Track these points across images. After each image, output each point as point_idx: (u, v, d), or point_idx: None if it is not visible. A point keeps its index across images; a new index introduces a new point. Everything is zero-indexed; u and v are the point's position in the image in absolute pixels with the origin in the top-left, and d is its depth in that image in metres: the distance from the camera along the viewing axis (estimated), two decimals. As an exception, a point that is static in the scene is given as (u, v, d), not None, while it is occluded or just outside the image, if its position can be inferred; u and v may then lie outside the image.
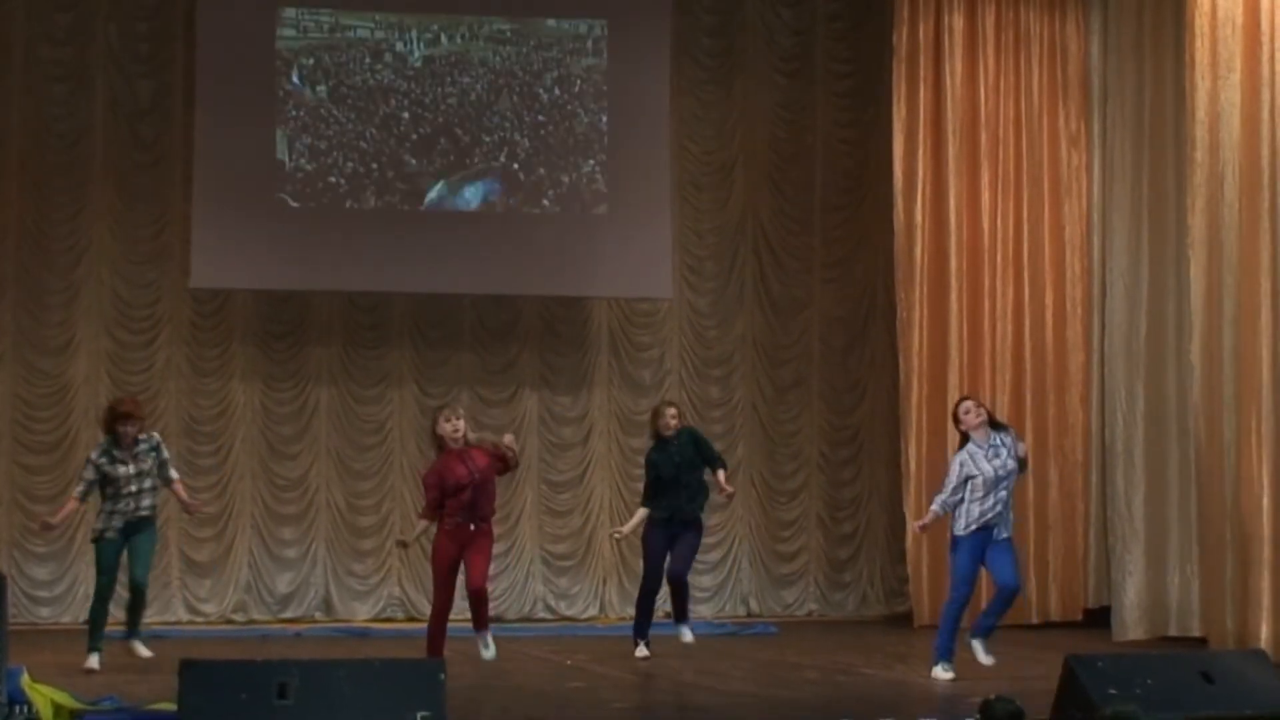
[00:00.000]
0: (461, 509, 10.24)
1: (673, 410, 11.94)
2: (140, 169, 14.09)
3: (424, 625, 13.74)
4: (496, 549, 14.15)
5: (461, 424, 10.37)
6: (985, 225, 14.17)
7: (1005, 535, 10.52)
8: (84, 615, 13.68)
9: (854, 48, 15.15)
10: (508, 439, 10.78)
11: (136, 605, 11.27)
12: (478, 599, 10.41)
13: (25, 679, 8.55)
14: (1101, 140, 14.11)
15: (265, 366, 14.24)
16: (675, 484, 11.70)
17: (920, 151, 14.21)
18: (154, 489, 11.10)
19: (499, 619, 13.99)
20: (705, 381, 14.97)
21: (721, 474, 11.81)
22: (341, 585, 14.24)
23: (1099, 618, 13.63)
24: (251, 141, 13.81)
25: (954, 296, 14.10)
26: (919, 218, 14.17)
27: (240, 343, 14.21)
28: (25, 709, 8.37)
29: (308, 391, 14.31)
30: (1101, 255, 14.03)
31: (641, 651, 11.66)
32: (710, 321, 15.02)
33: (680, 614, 11.94)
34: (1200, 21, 11.94)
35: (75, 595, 13.82)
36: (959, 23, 14.24)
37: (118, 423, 11.02)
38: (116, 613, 11.37)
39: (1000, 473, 10.46)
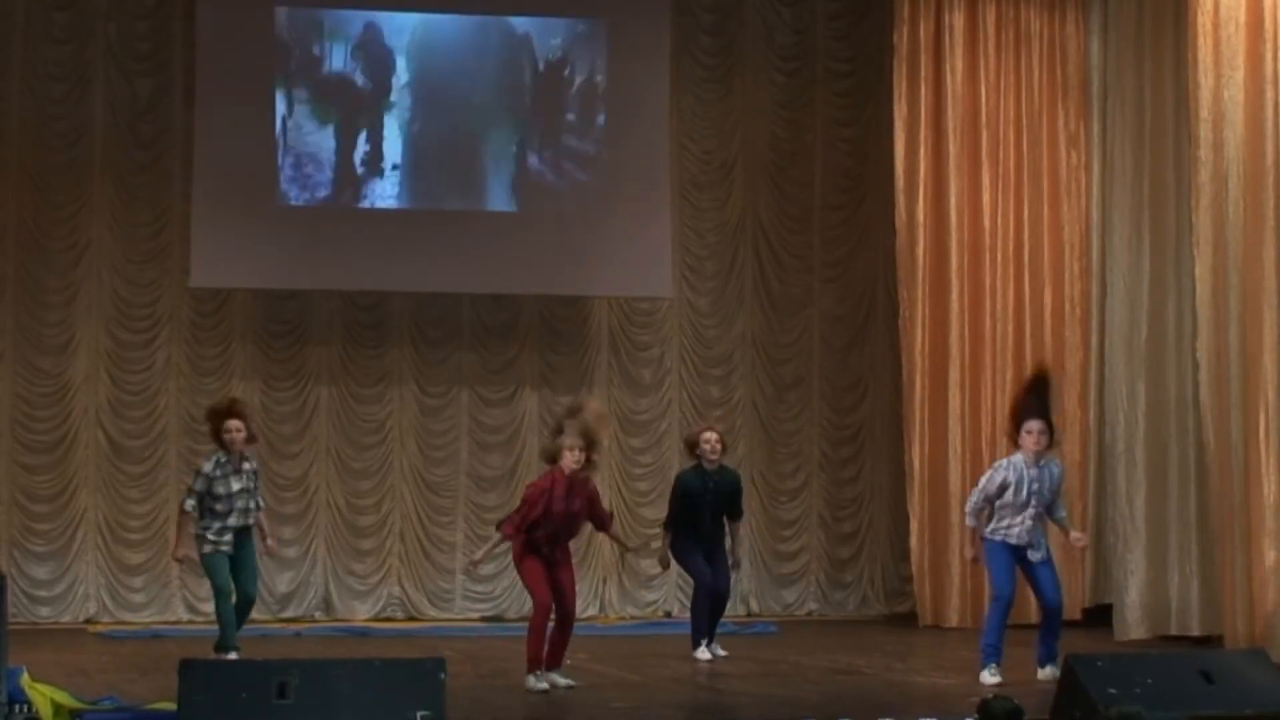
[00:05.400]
0: (546, 539, 10.00)
1: (712, 436, 11.81)
2: (140, 168, 14.09)
3: (423, 625, 13.87)
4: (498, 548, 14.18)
5: (582, 457, 9.97)
6: (986, 224, 14.16)
7: (1041, 560, 10.56)
8: (83, 615, 13.79)
9: (854, 46, 15.14)
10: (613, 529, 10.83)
11: (239, 619, 11.25)
12: (565, 624, 10.18)
13: (25, 678, 8.54)
14: (1101, 139, 14.10)
15: (265, 366, 14.23)
16: (700, 517, 11.70)
17: (921, 150, 14.20)
18: (254, 497, 11.24)
19: (499, 618, 14.04)
20: (705, 381, 14.96)
21: (738, 526, 12.04)
22: (341, 585, 14.23)
23: (1098, 617, 13.62)
24: (251, 141, 13.80)
25: (955, 295, 14.09)
26: (920, 216, 14.16)
27: (240, 342, 14.20)
28: (25, 708, 8.38)
29: (307, 391, 14.31)
30: (1101, 254, 14.03)
31: (702, 654, 11.64)
32: (710, 320, 15.01)
33: (704, 634, 11.92)
34: (1203, 20, 11.93)
35: (75, 595, 13.83)
36: (959, 21, 14.23)
37: (224, 419, 11.17)
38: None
39: (1034, 497, 10.49)
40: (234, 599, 11.10)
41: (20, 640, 10.61)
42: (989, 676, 10.28)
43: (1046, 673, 10.36)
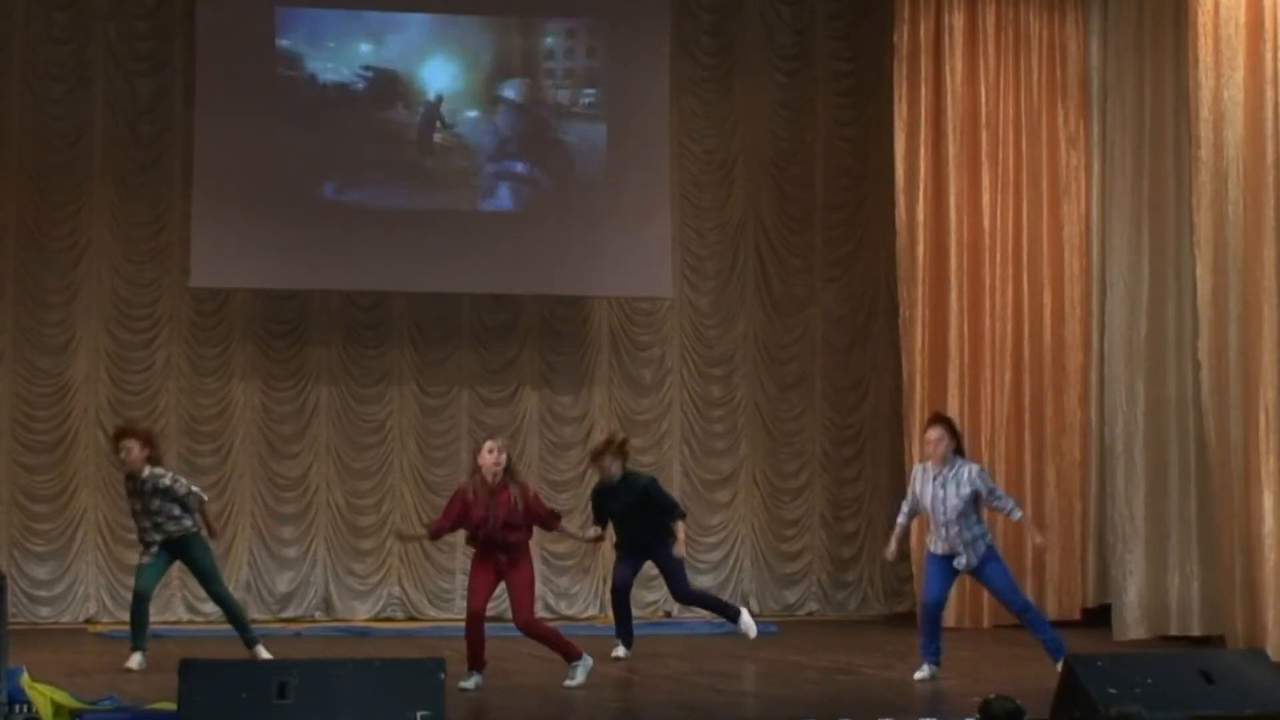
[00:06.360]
0: (482, 543, 10.01)
1: (612, 462, 11.49)
2: (140, 168, 14.09)
3: (423, 625, 13.88)
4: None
5: (504, 459, 9.97)
6: (985, 224, 14.17)
7: (974, 562, 10.44)
8: (84, 615, 13.79)
9: (854, 46, 15.15)
10: (574, 529, 10.97)
11: (234, 618, 11.27)
12: (531, 634, 10.18)
13: (25, 678, 8.54)
14: (1101, 140, 14.11)
15: (265, 366, 14.24)
16: (627, 520, 11.60)
17: (921, 150, 14.20)
18: (176, 516, 11.00)
19: (498, 618, 14.01)
20: (707, 380, 14.96)
21: (679, 526, 11.66)
22: (341, 585, 14.23)
23: (1098, 617, 13.62)
24: (251, 141, 13.80)
25: (955, 295, 14.10)
26: (920, 216, 14.16)
27: (240, 342, 14.20)
28: (25, 708, 8.37)
29: (308, 391, 14.31)
30: (1101, 255, 14.04)
31: (619, 652, 11.67)
32: (711, 320, 15.01)
33: (730, 614, 11.96)
34: (1203, 20, 11.93)
35: (75, 595, 13.84)
36: (959, 22, 14.23)
37: (116, 441, 11.20)
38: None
39: (939, 506, 10.36)
40: (146, 602, 11.14)
41: (20, 640, 10.62)
42: (916, 674, 10.41)
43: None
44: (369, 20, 14.17)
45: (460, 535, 14.17)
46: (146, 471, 10.93)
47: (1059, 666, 10.27)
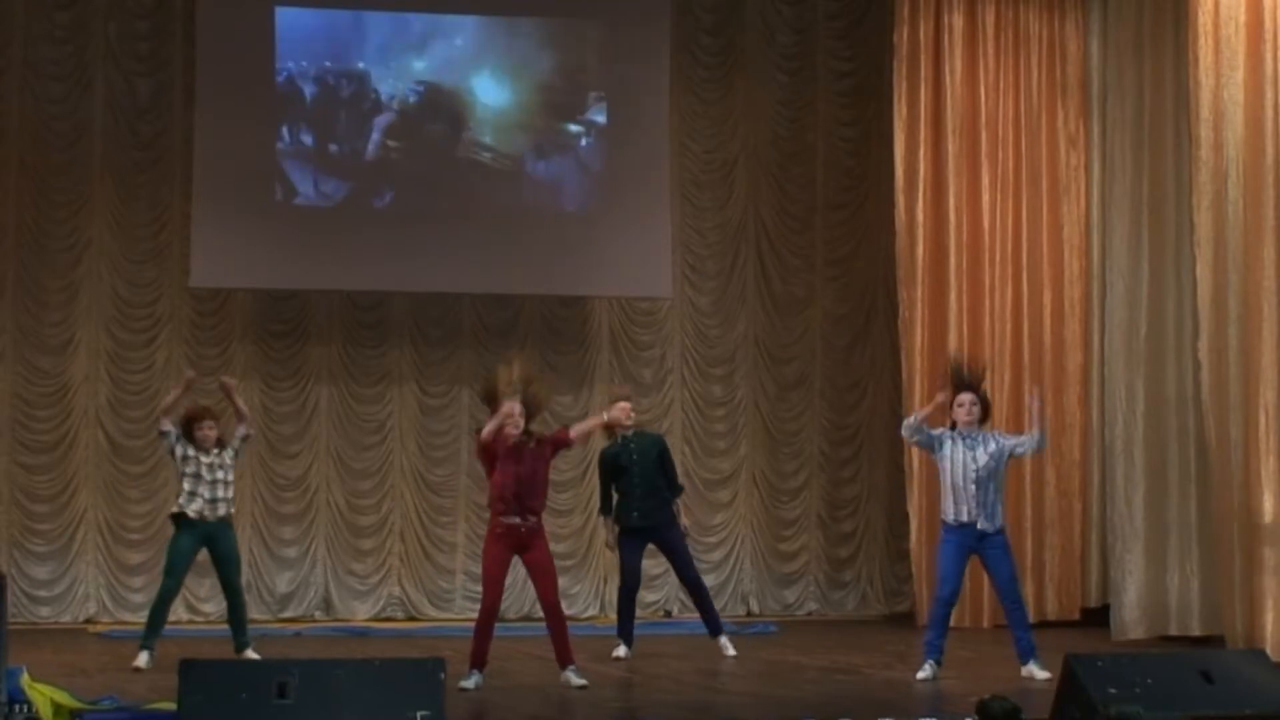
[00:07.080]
0: (508, 500, 9.95)
1: (625, 405, 11.21)
2: (140, 167, 14.10)
3: (423, 625, 13.89)
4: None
5: (521, 422, 9.98)
6: (985, 224, 14.17)
7: (994, 529, 10.45)
8: (83, 615, 13.80)
9: (854, 46, 15.16)
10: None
11: (237, 615, 11.19)
12: (552, 617, 10.17)
13: (25, 678, 8.54)
14: (1101, 140, 14.11)
15: (265, 366, 14.24)
16: (630, 492, 11.45)
17: (921, 150, 14.20)
18: (229, 483, 11.08)
19: (499, 618, 14.01)
20: (707, 380, 14.97)
21: (679, 504, 11.69)
22: (341, 585, 14.24)
23: (1097, 617, 13.62)
24: (251, 140, 13.81)
25: (954, 295, 14.10)
26: (920, 216, 14.16)
27: (240, 342, 14.21)
28: (25, 708, 8.37)
29: (308, 391, 14.31)
30: (1101, 255, 14.04)
31: (620, 651, 11.59)
32: (712, 320, 15.01)
33: (713, 625, 11.83)
34: (1204, 20, 11.93)
35: (75, 595, 13.84)
36: (959, 22, 14.24)
37: (192, 427, 11.18)
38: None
39: (967, 470, 10.38)
40: (171, 602, 11.12)
41: (20, 640, 10.62)
42: (918, 674, 10.36)
43: (1029, 670, 10.33)
44: (368, 20, 14.16)
45: (459, 534, 14.38)
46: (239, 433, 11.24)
47: (1024, 670, 10.33)
